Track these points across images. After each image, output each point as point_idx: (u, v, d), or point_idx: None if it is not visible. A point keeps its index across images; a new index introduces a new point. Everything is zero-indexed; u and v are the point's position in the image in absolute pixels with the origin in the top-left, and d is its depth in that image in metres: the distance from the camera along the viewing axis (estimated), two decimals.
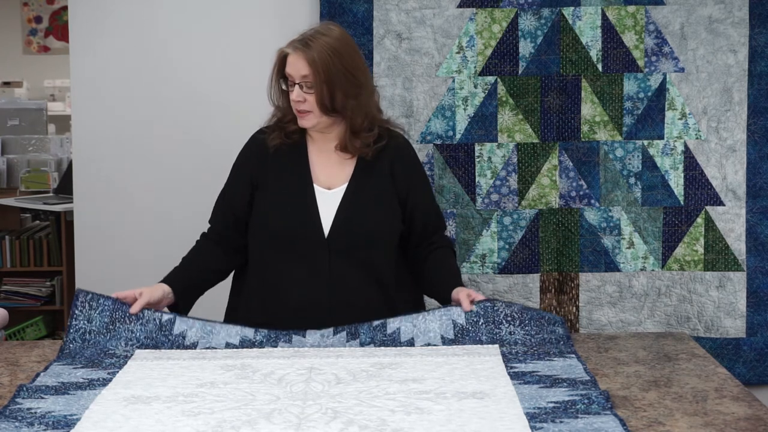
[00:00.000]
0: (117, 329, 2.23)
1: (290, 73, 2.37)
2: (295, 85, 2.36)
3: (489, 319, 2.23)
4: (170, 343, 2.22)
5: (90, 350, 2.18)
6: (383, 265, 2.44)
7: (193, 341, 2.23)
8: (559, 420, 1.70)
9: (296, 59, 2.35)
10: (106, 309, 2.26)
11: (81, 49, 3.25)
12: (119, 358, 2.13)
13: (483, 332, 2.21)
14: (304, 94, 2.35)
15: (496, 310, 2.24)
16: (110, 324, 2.24)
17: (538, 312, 2.26)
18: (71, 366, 2.07)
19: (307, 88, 2.35)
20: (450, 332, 2.22)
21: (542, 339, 2.19)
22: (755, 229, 3.15)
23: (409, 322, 2.24)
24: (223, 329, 2.26)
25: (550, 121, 3.14)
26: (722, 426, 1.69)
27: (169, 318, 2.26)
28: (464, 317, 2.24)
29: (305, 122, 2.40)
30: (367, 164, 2.45)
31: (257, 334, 2.24)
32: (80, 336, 2.22)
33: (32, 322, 5.26)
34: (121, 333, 2.23)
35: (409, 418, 1.71)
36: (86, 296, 2.28)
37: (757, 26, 3.10)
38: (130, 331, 2.23)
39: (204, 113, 3.24)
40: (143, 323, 2.25)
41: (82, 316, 2.25)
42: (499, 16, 3.12)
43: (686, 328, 3.15)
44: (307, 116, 2.39)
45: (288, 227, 2.40)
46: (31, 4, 9.76)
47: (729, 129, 3.13)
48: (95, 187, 3.29)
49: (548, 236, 3.16)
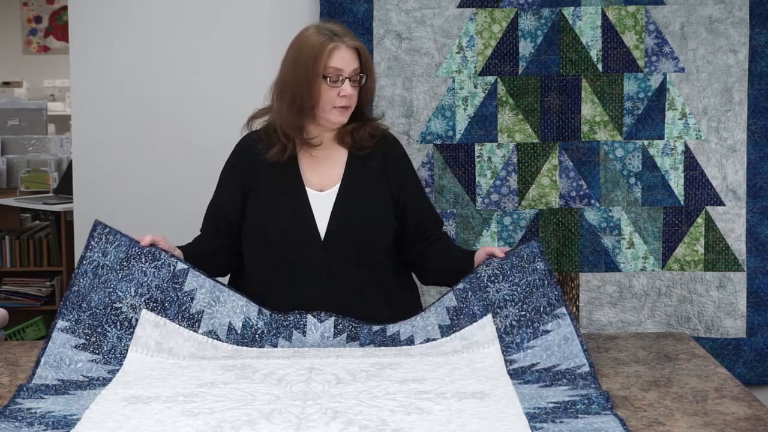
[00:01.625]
0: (131, 267, 2.17)
1: (340, 67, 2.34)
2: (343, 80, 2.35)
3: (475, 286, 2.20)
4: (178, 302, 2.16)
5: (98, 295, 2.12)
6: (381, 263, 2.43)
7: (198, 309, 2.18)
8: (559, 420, 1.69)
9: (349, 53, 2.34)
10: (123, 245, 2.19)
11: (81, 49, 3.25)
12: (121, 339, 2.09)
13: (474, 303, 2.18)
14: (353, 88, 2.36)
15: (479, 275, 2.20)
16: (125, 260, 2.17)
17: (516, 254, 2.21)
18: (73, 335, 2.06)
19: (354, 82, 2.36)
20: (446, 318, 2.20)
21: (527, 283, 2.15)
22: (755, 229, 3.15)
23: (408, 324, 2.25)
24: (229, 299, 2.21)
25: (550, 121, 3.14)
26: (722, 426, 1.69)
27: (183, 268, 2.20)
28: (454, 298, 2.21)
29: (343, 117, 2.39)
30: (358, 163, 2.44)
31: (260, 317, 2.22)
32: (92, 270, 2.16)
33: (32, 322, 5.26)
34: (134, 273, 2.17)
35: (409, 418, 1.71)
36: (104, 229, 2.21)
37: (757, 26, 3.10)
38: (143, 273, 2.17)
39: (204, 113, 3.24)
40: (157, 266, 2.18)
41: (98, 248, 2.19)
42: (499, 16, 3.12)
43: (686, 328, 3.15)
44: (346, 112, 2.38)
45: (284, 232, 2.38)
46: (31, 4, 9.76)
47: (729, 129, 3.13)
48: (95, 187, 3.29)
49: (548, 236, 3.16)
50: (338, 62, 2.33)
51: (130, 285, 2.16)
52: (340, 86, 2.34)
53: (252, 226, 2.43)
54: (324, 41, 2.34)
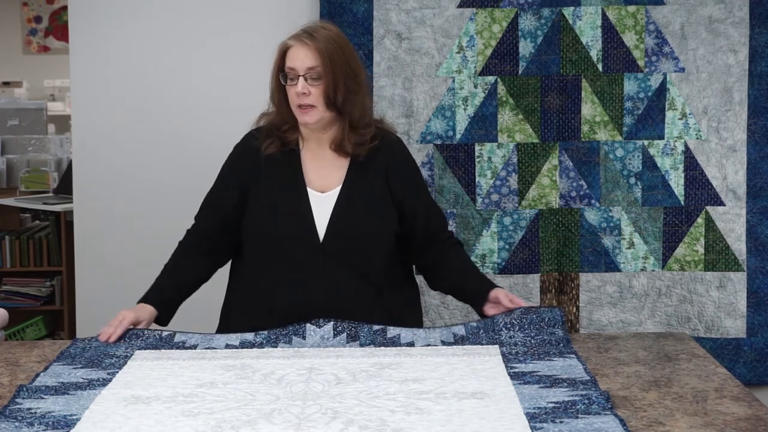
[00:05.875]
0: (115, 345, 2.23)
1: (294, 66, 2.33)
2: (298, 78, 2.33)
3: (489, 328, 2.25)
4: (171, 347, 2.23)
5: (90, 352, 2.18)
6: (378, 267, 2.42)
7: (193, 344, 2.23)
8: (559, 420, 1.69)
9: (301, 50, 2.33)
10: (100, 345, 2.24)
11: (81, 49, 3.25)
12: (119, 358, 2.12)
13: (483, 339, 2.23)
14: (309, 86, 2.32)
15: (496, 321, 2.26)
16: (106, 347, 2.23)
17: (537, 313, 2.26)
18: (71, 366, 2.06)
19: (311, 80, 2.33)
20: (450, 338, 2.24)
21: (542, 340, 2.20)
22: (755, 229, 3.15)
23: (409, 332, 2.26)
24: (222, 336, 2.28)
25: (550, 121, 3.14)
26: (722, 426, 1.69)
27: (168, 334, 2.27)
28: (464, 329, 2.26)
29: (308, 117, 2.35)
30: (361, 166, 2.43)
31: (257, 337, 2.25)
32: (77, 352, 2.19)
33: (32, 322, 5.26)
34: (120, 345, 2.23)
35: (409, 418, 1.71)
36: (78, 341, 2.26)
37: (757, 26, 3.10)
38: (130, 346, 2.23)
39: (204, 113, 3.24)
40: (143, 339, 2.25)
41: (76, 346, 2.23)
42: (499, 16, 3.12)
43: (686, 328, 3.15)
44: (310, 111, 2.35)
45: (282, 232, 2.38)
46: (31, 4, 9.77)
47: (729, 129, 3.13)
48: (95, 187, 3.29)
49: (548, 236, 3.16)
50: (292, 60, 2.34)
51: (120, 348, 2.20)
52: (294, 84, 2.34)
53: (251, 223, 2.42)
54: (286, 41, 2.37)
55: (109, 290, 3.30)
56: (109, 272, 3.30)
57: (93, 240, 3.31)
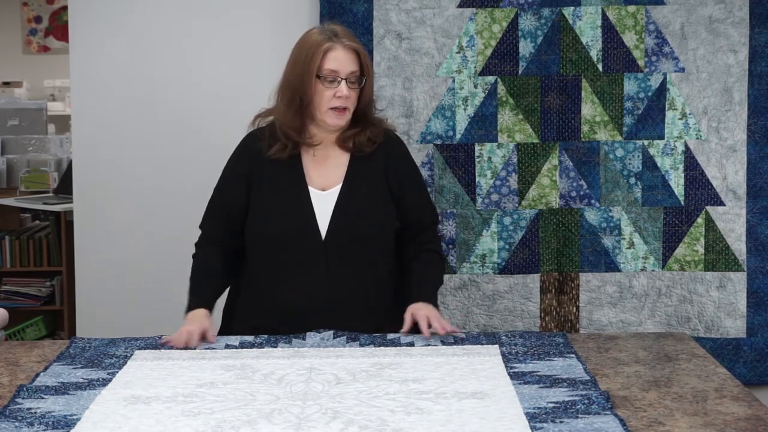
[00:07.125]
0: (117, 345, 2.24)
1: (336, 68, 2.33)
2: (339, 81, 2.34)
3: (489, 337, 2.27)
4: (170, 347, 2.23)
5: (90, 352, 2.18)
6: (381, 264, 2.43)
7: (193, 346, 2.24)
8: (559, 420, 1.70)
9: (345, 53, 2.34)
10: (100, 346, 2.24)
11: (81, 49, 3.25)
12: (119, 358, 2.12)
13: (483, 339, 2.25)
14: (350, 90, 2.34)
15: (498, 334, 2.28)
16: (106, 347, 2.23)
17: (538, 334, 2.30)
18: (71, 366, 2.06)
19: (350, 84, 2.34)
20: (450, 339, 2.26)
21: (542, 343, 2.21)
22: (755, 229, 3.15)
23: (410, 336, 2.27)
24: (222, 339, 2.28)
25: (550, 121, 3.14)
26: (722, 426, 1.69)
27: None
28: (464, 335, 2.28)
29: (340, 120, 2.37)
30: (361, 164, 2.44)
31: (257, 338, 2.25)
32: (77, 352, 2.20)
33: (32, 322, 5.26)
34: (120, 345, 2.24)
35: (409, 418, 1.71)
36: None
37: (757, 26, 3.10)
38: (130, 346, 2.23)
39: (204, 113, 3.24)
40: (143, 339, 2.27)
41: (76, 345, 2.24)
42: (499, 16, 3.12)
43: (686, 328, 3.15)
44: (344, 114, 2.37)
45: (284, 231, 2.38)
46: (31, 4, 9.76)
47: (729, 129, 3.13)
48: (95, 187, 3.29)
49: (548, 236, 3.16)
50: (333, 63, 2.33)
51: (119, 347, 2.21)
52: (336, 87, 2.33)
53: (253, 222, 2.43)
54: (321, 41, 2.34)
55: (109, 290, 3.30)
56: (109, 272, 3.30)
57: (93, 240, 3.30)
